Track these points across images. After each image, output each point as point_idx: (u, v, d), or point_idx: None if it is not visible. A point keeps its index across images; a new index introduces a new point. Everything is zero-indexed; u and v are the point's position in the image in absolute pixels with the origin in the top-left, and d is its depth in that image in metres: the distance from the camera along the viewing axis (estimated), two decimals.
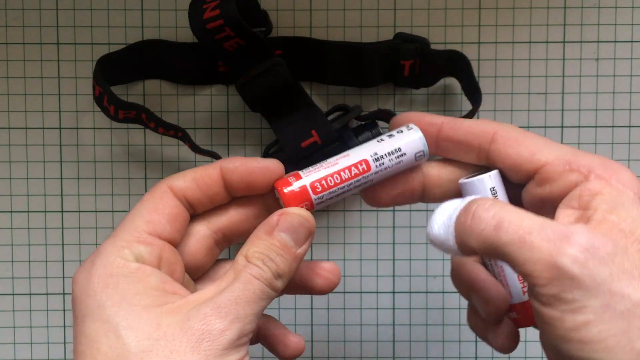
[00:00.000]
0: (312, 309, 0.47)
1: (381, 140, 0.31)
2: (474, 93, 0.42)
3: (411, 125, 0.31)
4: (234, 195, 0.31)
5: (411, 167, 0.31)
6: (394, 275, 0.47)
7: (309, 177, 0.30)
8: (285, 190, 0.30)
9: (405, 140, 0.31)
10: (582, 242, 0.24)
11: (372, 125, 0.43)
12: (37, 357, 0.47)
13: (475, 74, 0.43)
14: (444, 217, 0.28)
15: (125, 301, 0.27)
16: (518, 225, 0.25)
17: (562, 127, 0.46)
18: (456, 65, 0.43)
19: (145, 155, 0.46)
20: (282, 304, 0.47)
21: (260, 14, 0.43)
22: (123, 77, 0.44)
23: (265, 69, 0.40)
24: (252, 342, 0.32)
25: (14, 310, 0.47)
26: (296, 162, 0.42)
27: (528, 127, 0.46)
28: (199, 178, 0.30)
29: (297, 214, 0.29)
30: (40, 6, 0.45)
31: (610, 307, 0.24)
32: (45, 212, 0.46)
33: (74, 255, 0.46)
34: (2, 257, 0.46)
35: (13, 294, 0.46)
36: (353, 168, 0.30)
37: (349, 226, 0.47)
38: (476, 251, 0.27)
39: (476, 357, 0.47)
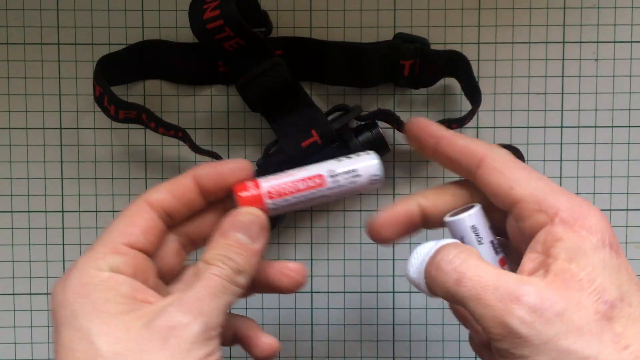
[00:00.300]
0: (312, 308, 0.47)
1: (340, 160, 0.33)
2: (473, 93, 0.42)
3: (370, 152, 0.33)
4: (209, 200, 0.32)
5: (367, 189, 0.33)
6: (393, 275, 0.47)
7: (267, 183, 0.32)
8: (241, 194, 0.31)
9: (362, 163, 0.33)
10: (531, 302, 0.26)
11: (372, 125, 0.43)
12: (38, 357, 0.47)
13: (475, 74, 0.43)
14: (417, 261, 0.30)
15: (97, 309, 0.28)
16: (476, 282, 0.27)
17: (561, 127, 0.46)
18: (456, 65, 0.43)
19: (146, 155, 0.46)
20: (282, 303, 0.47)
21: (260, 14, 0.43)
22: (123, 78, 0.44)
23: (265, 69, 0.40)
24: (229, 343, 0.34)
25: (14, 310, 0.47)
26: (296, 162, 0.42)
27: (528, 127, 0.46)
28: (174, 189, 0.31)
29: (247, 212, 0.31)
30: (41, 6, 0.45)
31: None
32: (45, 212, 0.46)
33: (75, 255, 0.46)
34: (3, 257, 0.46)
35: (14, 294, 0.47)
36: (309, 180, 0.32)
37: (348, 226, 0.47)
38: (444, 299, 0.29)
39: (476, 357, 0.47)
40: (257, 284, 0.33)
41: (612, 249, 0.27)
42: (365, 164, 0.33)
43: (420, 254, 0.30)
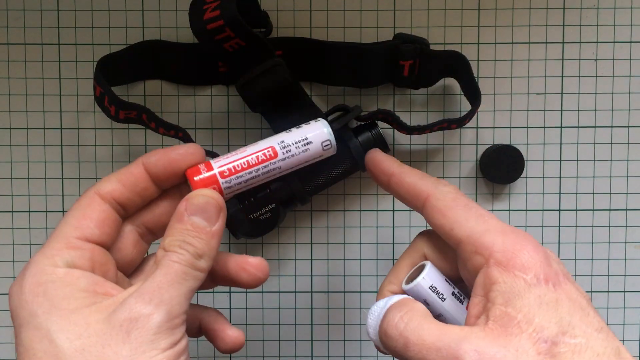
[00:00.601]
0: (312, 308, 0.47)
1: (290, 130, 0.33)
2: (473, 93, 0.42)
3: (320, 118, 0.33)
4: (163, 187, 0.32)
5: (319, 156, 0.33)
6: None
7: (218, 163, 0.31)
8: (195, 179, 0.31)
9: (312, 131, 0.32)
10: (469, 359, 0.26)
11: (372, 125, 0.43)
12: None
13: (475, 74, 0.43)
14: (373, 322, 0.31)
15: (55, 307, 0.27)
16: (421, 345, 0.27)
17: (561, 127, 0.46)
18: (455, 65, 0.43)
19: None
20: (282, 303, 0.47)
21: (261, 15, 0.44)
22: (124, 78, 0.44)
23: (265, 69, 0.40)
24: (195, 334, 0.33)
25: None
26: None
27: (527, 127, 0.46)
28: (123, 178, 0.31)
29: (201, 194, 0.30)
30: (42, 7, 0.45)
31: None
32: (46, 212, 0.46)
33: None
34: (4, 256, 0.46)
35: None
36: (260, 154, 0.32)
37: (348, 226, 0.47)
38: None
39: None
40: (218, 277, 0.33)
41: (549, 282, 0.27)
42: (315, 132, 0.32)
43: (374, 314, 0.31)
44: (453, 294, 0.32)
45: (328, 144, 0.33)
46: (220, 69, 0.44)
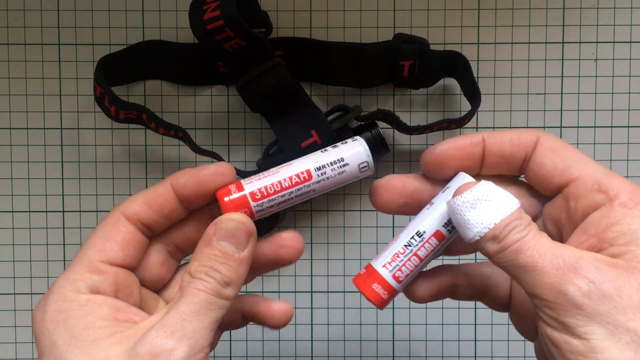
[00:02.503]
0: (312, 308, 0.47)
1: (325, 150, 0.31)
2: (473, 93, 0.42)
3: (357, 137, 0.31)
4: (191, 208, 0.31)
5: (356, 178, 0.31)
6: None
7: (250, 185, 0.30)
8: (225, 200, 0.30)
9: (349, 151, 0.31)
10: (588, 275, 0.25)
11: (372, 125, 0.43)
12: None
13: (475, 74, 0.43)
14: (471, 215, 0.27)
15: (75, 338, 0.26)
16: (536, 251, 0.26)
17: (560, 127, 0.46)
18: (455, 65, 0.43)
19: (146, 155, 0.46)
20: None
21: (261, 15, 0.44)
22: (124, 78, 0.44)
23: (265, 69, 0.40)
24: (240, 325, 0.33)
25: (15, 310, 0.47)
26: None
27: (527, 127, 0.46)
28: (150, 199, 0.30)
29: (231, 219, 0.29)
30: (42, 7, 0.45)
31: (615, 337, 0.25)
32: (46, 212, 0.46)
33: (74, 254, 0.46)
34: (4, 256, 0.46)
35: (14, 294, 0.47)
36: (294, 177, 0.30)
37: (348, 226, 0.47)
38: (486, 256, 0.28)
39: (475, 357, 0.47)
40: (258, 265, 0.32)
41: None
42: (352, 152, 0.31)
43: (468, 203, 0.27)
44: None
45: (365, 166, 0.31)
46: (220, 69, 0.44)
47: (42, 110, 0.46)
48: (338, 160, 0.31)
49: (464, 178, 0.30)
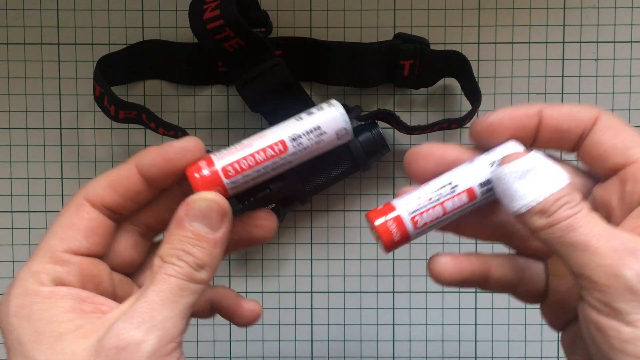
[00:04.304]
0: (312, 308, 0.47)
1: (300, 118, 0.28)
2: (473, 93, 0.42)
3: (332, 100, 0.29)
4: (160, 188, 0.29)
5: (334, 146, 0.29)
6: (393, 275, 0.47)
7: (222, 160, 0.28)
8: (196, 176, 0.27)
9: (325, 117, 0.28)
10: None
11: (372, 125, 0.43)
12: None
13: (475, 74, 0.43)
14: (521, 186, 0.26)
15: (40, 333, 0.25)
16: (589, 230, 0.25)
17: None
18: (456, 65, 0.43)
19: None
20: (282, 303, 0.47)
21: (261, 15, 0.43)
22: (123, 78, 0.44)
23: (265, 69, 0.40)
24: (207, 314, 0.32)
25: None
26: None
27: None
28: (114, 182, 0.28)
29: (204, 198, 0.27)
30: (41, 6, 0.45)
31: None
32: (46, 212, 0.46)
33: None
34: (3, 256, 0.46)
35: None
36: (269, 149, 0.28)
37: (348, 226, 0.47)
38: (530, 231, 0.26)
39: (475, 357, 0.47)
40: (229, 244, 0.29)
41: None
42: (328, 118, 0.28)
43: (516, 175, 0.26)
44: None
45: (344, 132, 0.29)
46: (220, 69, 0.44)
47: (42, 110, 0.46)
48: (314, 128, 0.28)
49: (513, 146, 0.28)
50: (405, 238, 0.28)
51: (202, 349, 0.47)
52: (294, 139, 0.28)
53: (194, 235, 0.27)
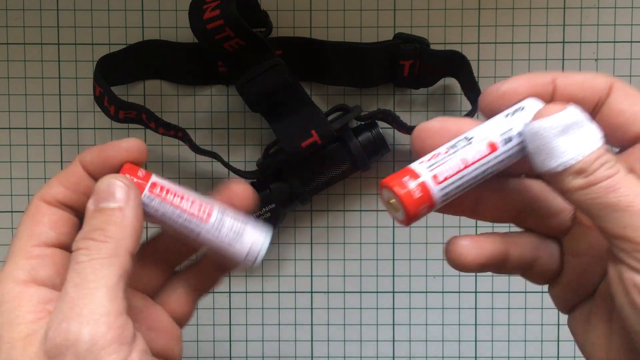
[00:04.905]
0: (312, 308, 0.47)
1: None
2: (473, 93, 0.42)
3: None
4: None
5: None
6: (393, 275, 0.47)
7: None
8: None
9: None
10: None
11: (372, 125, 0.43)
12: None
13: (475, 74, 0.43)
14: (560, 143, 0.24)
15: (3, 337, 0.25)
16: (630, 190, 0.24)
17: None
18: (456, 65, 0.43)
19: None
20: (282, 303, 0.47)
21: (261, 15, 0.43)
22: (123, 78, 0.44)
23: (265, 69, 0.40)
24: (186, 257, 0.32)
25: None
26: (296, 162, 0.42)
27: None
28: (64, 180, 0.29)
29: (105, 179, 0.28)
30: (41, 6, 0.45)
31: None
32: None
33: None
34: (3, 256, 0.46)
35: None
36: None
37: (348, 226, 0.47)
38: (564, 191, 0.25)
39: (476, 357, 0.47)
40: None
41: None
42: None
43: (576, 124, 0.24)
44: None
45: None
46: (220, 69, 0.44)
47: (42, 110, 0.46)
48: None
49: (534, 104, 0.26)
50: (429, 199, 0.25)
51: (202, 349, 0.47)
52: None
53: (99, 214, 0.27)
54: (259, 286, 0.47)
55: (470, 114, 0.42)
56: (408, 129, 0.43)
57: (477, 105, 0.42)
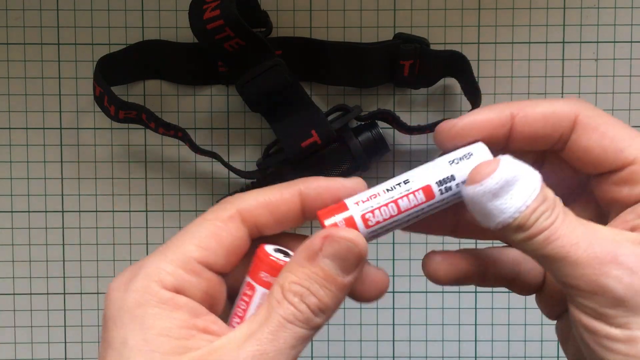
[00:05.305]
0: None
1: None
2: (473, 93, 0.42)
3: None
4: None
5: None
6: (393, 275, 0.47)
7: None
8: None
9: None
10: (629, 263, 0.23)
11: (372, 125, 0.43)
12: (37, 357, 0.47)
13: (475, 74, 0.43)
14: (497, 201, 0.24)
15: (147, 344, 0.24)
16: (568, 239, 0.23)
17: None
18: (456, 65, 0.43)
19: (146, 155, 0.46)
20: None
21: (261, 15, 0.43)
22: (123, 78, 0.44)
23: (265, 69, 0.40)
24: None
25: (14, 310, 0.47)
26: (296, 162, 0.42)
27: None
28: (272, 204, 0.26)
29: (344, 237, 0.25)
30: (41, 6, 0.45)
31: None
32: (45, 212, 0.46)
33: (75, 255, 0.46)
34: (3, 257, 0.46)
35: (14, 294, 0.47)
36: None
37: None
38: (510, 244, 0.25)
39: (476, 357, 0.47)
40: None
41: None
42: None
43: (507, 183, 0.24)
44: None
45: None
46: (220, 69, 0.44)
47: (42, 110, 0.46)
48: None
49: (481, 152, 0.25)
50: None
51: None
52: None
53: (324, 275, 0.24)
54: None
55: None
56: (408, 129, 0.43)
57: (477, 105, 0.42)
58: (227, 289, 0.26)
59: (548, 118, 0.26)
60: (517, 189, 0.24)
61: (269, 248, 0.26)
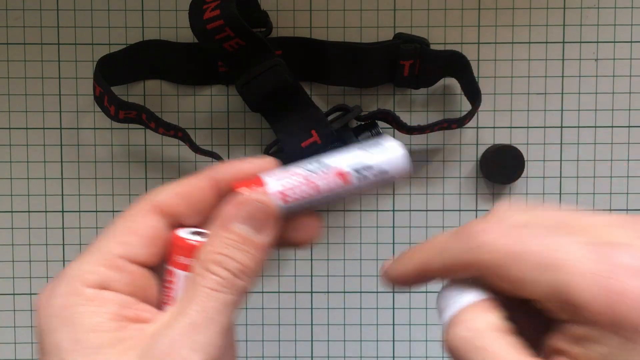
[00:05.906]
0: (312, 309, 0.47)
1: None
2: (473, 93, 0.42)
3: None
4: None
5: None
6: None
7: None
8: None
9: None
10: None
11: (372, 125, 0.43)
12: (37, 357, 0.47)
13: (475, 74, 0.43)
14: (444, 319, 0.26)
15: (79, 343, 0.24)
16: None
17: (561, 127, 0.46)
18: (456, 65, 0.43)
19: (146, 155, 0.46)
20: (281, 304, 0.47)
21: (261, 15, 0.43)
22: (123, 78, 0.44)
23: (265, 69, 0.40)
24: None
25: (14, 310, 0.47)
26: (296, 162, 0.42)
27: (527, 127, 0.46)
28: (186, 193, 0.26)
29: (255, 199, 0.25)
30: (41, 7, 0.45)
31: None
32: (45, 212, 0.46)
33: (75, 255, 0.46)
34: (3, 257, 0.46)
35: (14, 294, 0.47)
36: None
37: (348, 226, 0.47)
38: None
39: None
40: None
41: None
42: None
43: (446, 310, 0.26)
44: None
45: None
46: (220, 69, 0.44)
47: (42, 110, 0.46)
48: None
49: (389, 141, 0.26)
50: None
51: None
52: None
53: (239, 238, 0.25)
54: (259, 286, 0.47)
55: (470, 114, 0.42)
56: (408, 129, 0.43)
57: (477, 105, 0.42)
58: (158, 285, 0.27)
59: (447, 265, 0.28)
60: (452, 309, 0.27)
61: (183, 232, 0.26)
